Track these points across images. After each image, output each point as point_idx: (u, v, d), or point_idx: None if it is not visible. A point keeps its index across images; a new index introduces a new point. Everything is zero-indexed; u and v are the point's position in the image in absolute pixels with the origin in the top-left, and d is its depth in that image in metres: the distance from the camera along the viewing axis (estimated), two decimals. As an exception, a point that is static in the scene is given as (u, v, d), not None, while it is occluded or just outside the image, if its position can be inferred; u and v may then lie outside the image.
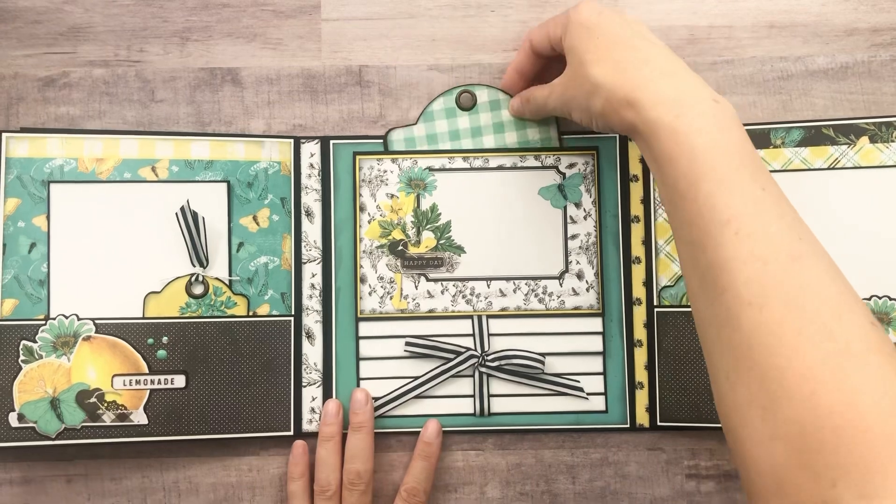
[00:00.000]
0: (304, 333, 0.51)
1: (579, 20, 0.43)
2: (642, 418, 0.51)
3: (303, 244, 0.51)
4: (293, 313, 0.51)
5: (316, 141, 0.52)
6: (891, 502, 0.28)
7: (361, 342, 0.51)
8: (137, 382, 0.49)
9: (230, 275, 0.51)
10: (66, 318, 0.49)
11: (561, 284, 0.52)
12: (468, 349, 0.51)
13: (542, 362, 0.50)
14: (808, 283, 0.33)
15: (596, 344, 0.51)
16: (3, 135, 0.50)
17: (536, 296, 0.51)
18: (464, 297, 0.51)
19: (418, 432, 0.51)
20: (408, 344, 0.51)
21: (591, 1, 0.44)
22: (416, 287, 0.52)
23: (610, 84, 0.40)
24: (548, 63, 0.50)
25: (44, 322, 0.49)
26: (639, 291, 0.51)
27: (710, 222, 0.35)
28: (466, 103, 0.52)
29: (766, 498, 0.32)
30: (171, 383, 0.50)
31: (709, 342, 0.36)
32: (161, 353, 0.50)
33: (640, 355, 0.51)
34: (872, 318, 0.33)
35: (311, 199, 0.52)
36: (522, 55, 0.50)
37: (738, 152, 0.37)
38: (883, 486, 0.28)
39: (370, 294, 0.51)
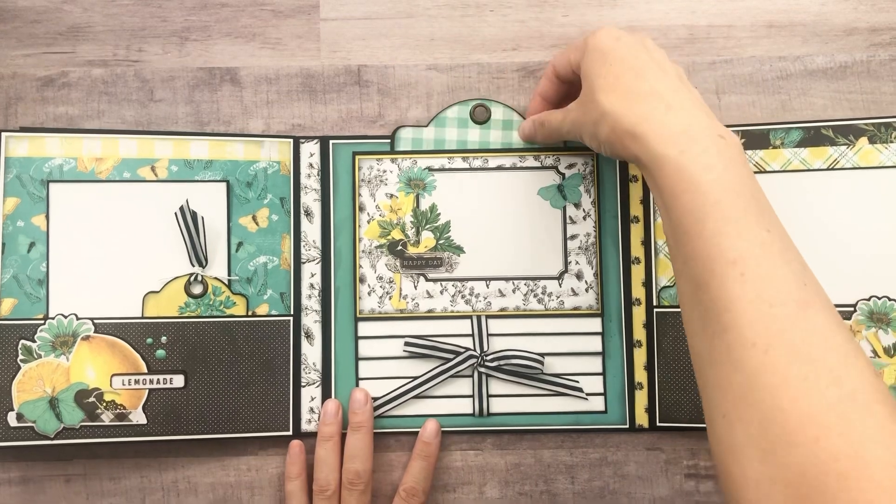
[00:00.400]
0: (303, 333, 0.51)
1: (596, 45, 0.43)
2: (641, 419, 0.51)
3: (302, 244, 0.51)
4: (292, 313, 0.51)
5: (315, 141, 0.52)
6: None
7: (360, 342, 0.51)
8: (136, 382, 0.49)
9: (229, 274, 0.51)
10: (65, 317, 0.49)
11: (560, 285, 0.52)
12: (467, 349, 0.51)
13: (542, 362, 0.50)
14: (815, 330, 0.33)
15: (595, 344, 0.51)
16: (3, 134, 0.50)
17: (536, 296, 0.51)
18: (463, 297, 0.51)
19: (417, 432, 0.50)
20: (407, 344, 0.51)
21: (611, 27, 0.44)
22: (416, 287, 0.52)
23: (616, 113, 0.40)
24: (570, 89, 0.49)
25: (42, 321, 0.49)
26: (638, 292, 0.51)
27: (716, 261, 0.35)
28: (480, 117, 0.52)
29: None
30: (170, 383, 0.50)
31: (706, 380, 0.36)
32: (160, 352, 0.50)
33: (640, 356, 0.51)
34: (874, 369, 0.33)
35: (310, 199, 0.52)
36: (546, 81, 0.50)
37: (744, 191, 0.36)
38: None
39: (369, 294, 0.51)
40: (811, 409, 0.31)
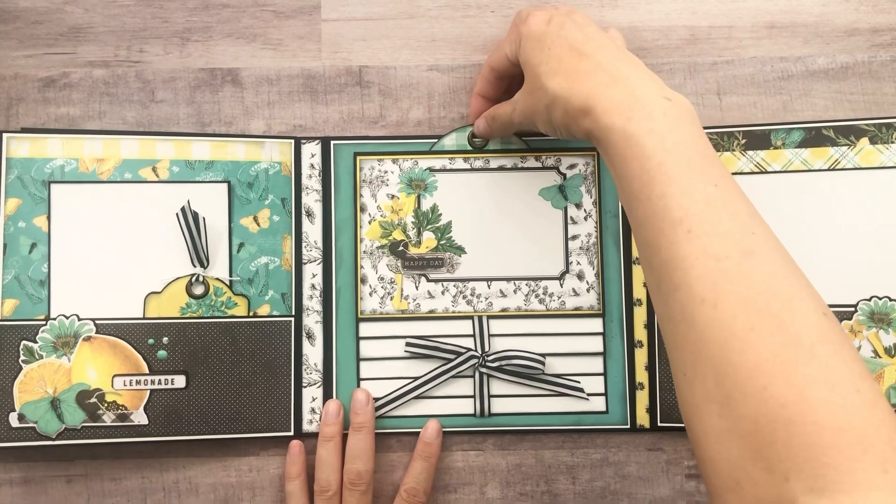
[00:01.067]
0: (304, 334, 0.51)
1: (529, 33, 0.44)
2: (643, 419, 0.51)
3: (303, 244, 0.51)
4: (293, 314, 0.51)
5: (317, 141, 0.52)
6: (841, 496, 0.28)
7: (362, 343, 0.51)
8: (138, 382, 0.49)
9: (231, 275, 0.51)
10: (67, 318, 0.49)
11: (561, 285, 0.52)
12: (468, 350, 0.51)
13: (543, 363, 0.50)
14: (759, 278, 0.33)
15: (596, 344, 0.51)
16: (4, 135, 0.50)
17: (537, 296, 0.52)
18: (464, 297, 0.52)
19: (418, 433, 0.51)
20: (408, 344, 0.51)
21: (538, 11, 0.45)
22: (417, 287, 0.52)
23: (565, 95, 0.40)
24: (509, 84, 0.50)
25: (44, 322, 0.49)
26: (639, 292, 0.51)
27: (663, 222, 0.35)
28: (478, 143, 0.52)
29: (724, 494, 0.32)
30: (172, 383, 0.50)
31: (667, 340, 0.36)
32: (161, 353, 0.50)
33: (641, 356, 0.51)
34: (825, 308, 0.33)
35: (311, 200, 0.52)
36: (484, 82, 0.50)
37: (690, 150, 0.37)
38: (833, 479, 0.28)
39: (371, 294, 0.51)
40: (758, 359, 0.31)
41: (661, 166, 0.36)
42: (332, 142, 0.52)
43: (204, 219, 0.50)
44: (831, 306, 0.49)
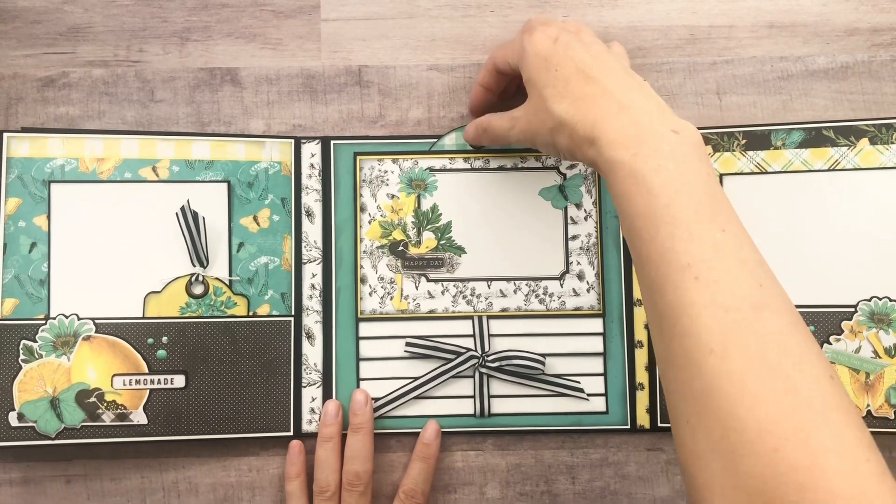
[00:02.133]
0: (304, 334, 0.51)
1: (535, 51, 0.42)
2: (643, 419, 0.51)
3: (303, 244, 0.51)
4: (293, 313, 0.51)
5: (317, 141, 0.52)
6: None
7: (361, 343, 0.51)
8: (137, 382, 0.49)
9: (230, 275, 0.51)
10: (67, 317, 0.49)
11: (561, 285, 0.52)
12: (468, 350, 0.51)
13: (543, 363, 0.50)
14: (770, 333, 0.32)
15: (596, 345, 0.51)
16: (5, 135, 0.50)
17: (537, 296, 0.51)
18: (464, 297, 0.51)
19: (418, 433, 0.50)
20: (408, 344, 0.51)
21: (546, 27, 0.43)
22: (417, 287, 0.52)
23: (572, 121, 0.40)
24: (510, 79, 0.49)
25: (44, 321, 0.49)
26: (639, 292, 0.51)
27: (669, 266, 0.35)
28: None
29: None
30: (171, 383, 0.50)
31: (668, 384, 0.36)
32: (161, 352, 0.50)
33: (641, 356, 0.51)
34: (832, 371, 0.32)
35: (311, 200, 0.52)
36: (486, 73, 0.49)
37: (697, 190, 0.36)
38: None
39: (370, 294, 0.51)
40: (769, 419, 0.31)
41: (667, 207, 0.35)
42: (332, 141, 0.52)
43: (204, 218, 0.50)
44: (831, 306, 0.49)
